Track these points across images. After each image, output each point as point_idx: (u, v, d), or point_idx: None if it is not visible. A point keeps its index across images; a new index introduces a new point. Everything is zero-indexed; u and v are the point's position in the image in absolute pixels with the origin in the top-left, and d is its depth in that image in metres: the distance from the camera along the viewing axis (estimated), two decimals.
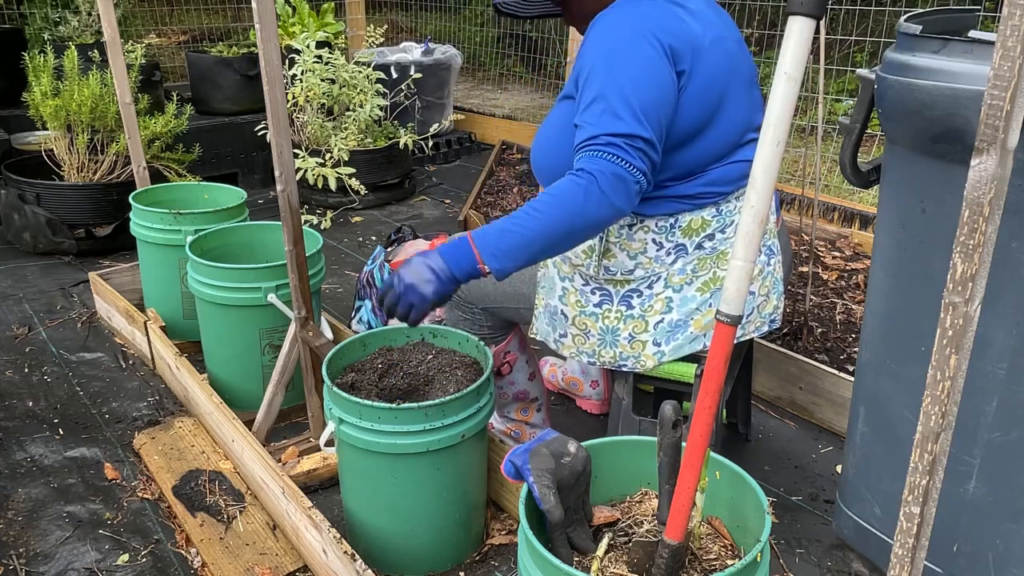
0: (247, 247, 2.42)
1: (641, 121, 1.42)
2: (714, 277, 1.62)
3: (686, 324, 1.63)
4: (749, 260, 1.07)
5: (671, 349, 1.64)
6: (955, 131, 1.28)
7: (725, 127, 1.58)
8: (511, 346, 1.96)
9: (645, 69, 1.45)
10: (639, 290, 1.64)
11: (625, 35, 1.48)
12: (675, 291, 1.63)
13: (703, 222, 1.61)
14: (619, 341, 1.66)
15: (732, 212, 1.62)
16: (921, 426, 0.90)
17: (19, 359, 2.59)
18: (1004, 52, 0.75)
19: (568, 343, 1.73)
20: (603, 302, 1.67)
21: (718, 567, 1.24)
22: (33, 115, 3.38)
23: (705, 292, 1.62)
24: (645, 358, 1.65)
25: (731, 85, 1.57)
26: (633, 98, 1.43)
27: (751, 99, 1.65)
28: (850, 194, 3.88)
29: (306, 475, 1.97)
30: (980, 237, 0.80)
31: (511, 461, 1.29)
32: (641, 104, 1.43)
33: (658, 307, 1.63)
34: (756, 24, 5.24)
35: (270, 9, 1.63)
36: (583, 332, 1.69)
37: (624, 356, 1.67)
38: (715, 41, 1.54)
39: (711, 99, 1.53)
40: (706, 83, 1.51)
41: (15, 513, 1.90)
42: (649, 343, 1.64)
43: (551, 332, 1.76)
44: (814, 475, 2.08)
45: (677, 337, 1.63)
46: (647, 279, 1.64)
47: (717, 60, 1.53)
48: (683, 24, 1.51)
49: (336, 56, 4.01)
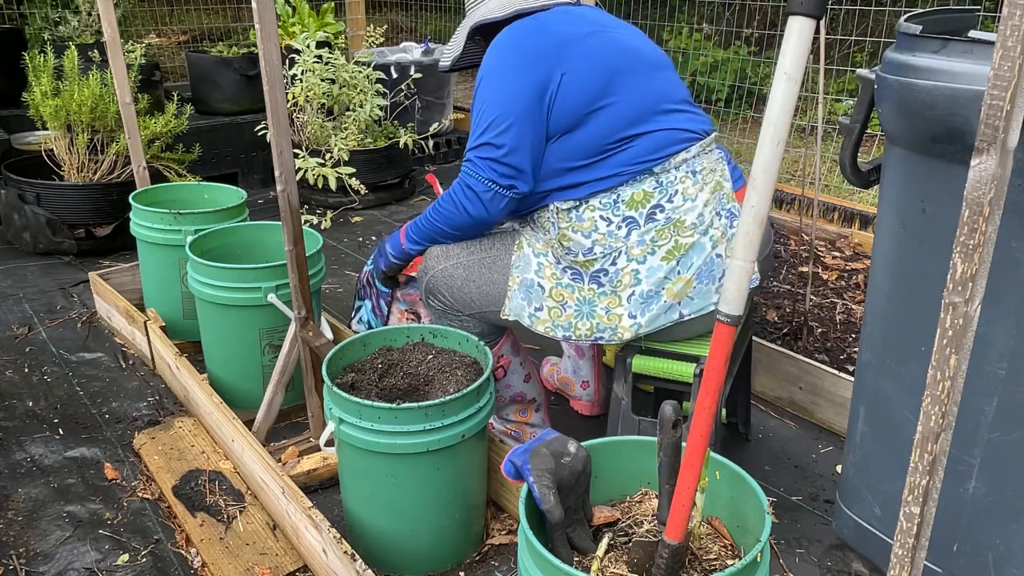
0: (247, 247, 2.42)
1: (486, 132, 1.69)
2: (676, 245, 1.67)
3: (658, 294, 1.67)
4: (749, 260, 1.07)
5: (647, 320, 1.68)
6: (955, 131, 1.28)
7: (620, 108, 1.69)
8: (504, 350, 1.97)
9: (497, 86, 1.70)
10: (604, 268, 1.70)
11: (490, 60, 1.74)
12: (639, 262, 1.67)
13: (645, 194, 1.69)
14: (596, 312, 1.70)
15: (674, 182, 1.70)
16: (921, 426, 0.90)
17: (19, 359, 2.59)
18: (1004, 52, 0.75)
19: (543, 316, 1.75)
20: (575, 279, 1.73)
21: (718, 567, 1.24)
22: (33, 115, 3.38)
23: (670, 260, 1.67)
24: (622, 330, 1.69)
25: (620, 70, 1.71)
26: (483, 114, 1.70)
27: (661, 80, 1.78)
28: (850, 194, 3.88)
29: (306, 475, 1.97)
30: (980, 237, 0.80)
31: (511, 461, 1.29)
32: (488, 117, 1.69)
33: (626, 280, 1.68)
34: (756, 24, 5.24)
35: (270, 9, 1.63)
36: (560, 304, 1.73)
37: (601, 327, 1.70)
38: (591, 34, 1.72)
39: (593, 83, 1.68)
40: (582, 71, 1.68)
41: (15, 513, 1.90)
42: (625, 316, 1.68)
43: (526, 307, 1.77)
44: (814, 475, 2.08)
45: (652, 307, 1.67)
46: (608, 255, 1.69)
47: (595, 50, 1.71)
48: (544, 32, 1.71)
49: (336, 56, 4.01)
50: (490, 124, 1.70)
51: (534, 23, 1.74)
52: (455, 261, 1.87)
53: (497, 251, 1.85)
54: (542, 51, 1.68)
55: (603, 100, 1.68)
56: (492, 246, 1.86)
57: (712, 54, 5.84)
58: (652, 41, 1.91)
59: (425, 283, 1.92)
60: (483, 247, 1.88)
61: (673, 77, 1.84)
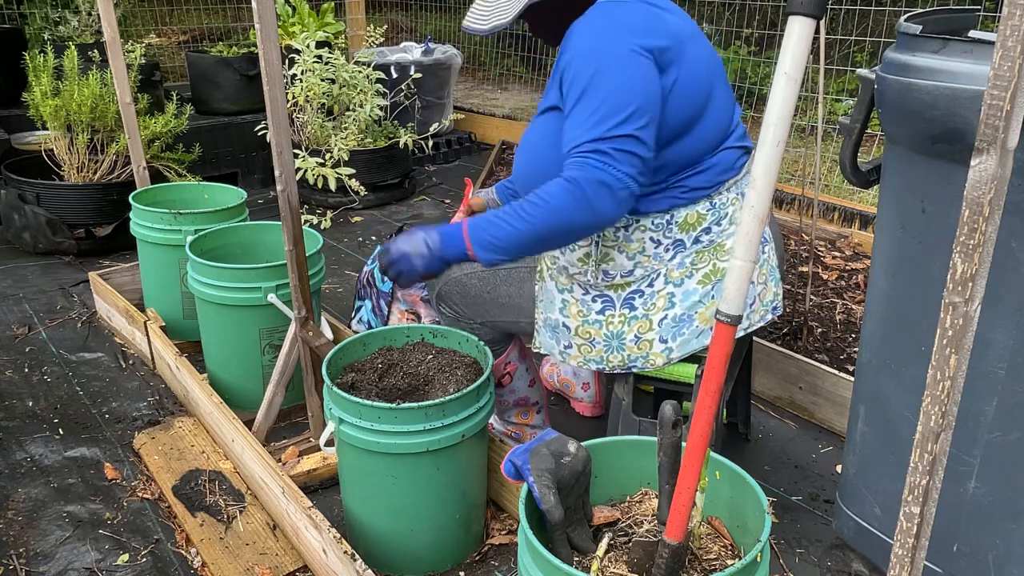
0: (247, 247, 2.42)
1: (627, 123, 1.43)
2: (714, 269, 1.61)
3: (691, 318, 1.62)
4: (749, 260, 1.07)
5: (678, 345, 1.62)
6: (955, 131, 1.28)
7: (715, 115, 1.59)
8: (511, 357, 1.96)
9: (628, 70, 1.44)
10: (640, 290, 1.63)
11: (607, 37, 1.47)
12: (676, 286, 1.61)
13: (699, 216, 1.61)
14: (625, 344, 1.65)
15: (725, 204, 1.62)
16: (921, 426, 0.90)
17: (19, 359, 2.59)
18: (1004, 52, 0.75)
19: (574, 353, 1.71)
20: (605, 308, 1.65)
21: (718, 567, 1.24)
22: (33, 115, 3.38)
23: (706, 284, 1.61)
24: (654, 356, 1.64)
25: (716, 75, 1.59)
26: (618, 100, 1.43)
27: (729, 91, 1.67)
28: (850, 194, 3.88)
29: (306, 475, 1.97)
30: (980, 237, 0.80)
31: (511, 461, 1.29)
32: (627, 106, 1.43)
33: (660, 304, 1.62)
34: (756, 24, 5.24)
35: (270, 9, 1.63)
36: (588, 341, 1.67)
37: (632, 358, 1.66)
38: (695, 35, 1.57)
39: (701, 89, 1.53)
40: (693, 73, 1.51)
41: (15, 513, 1.90)
42: (656, 341, 1.63)
43: (555, 345, 1.73)
44: (814, 475, 2.08)
45: (683, 332, 1.62)
46: (647, 278, 1.63)
47: (700, 51, 1.55)
48: (662, 19, 1.51)
49: (336, 56, 4.01)
50: (631, 114, 1.43)
51: (651, 15, 1.50)
52: (469, 271, 1.83)
53: (515, 264, 1.80)
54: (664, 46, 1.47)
55: (700, 115, 1.53)
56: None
57: None
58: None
59: (438, 290, 1.89)
60: None
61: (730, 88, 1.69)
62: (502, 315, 1.84)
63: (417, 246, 1.56)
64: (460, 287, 1.84)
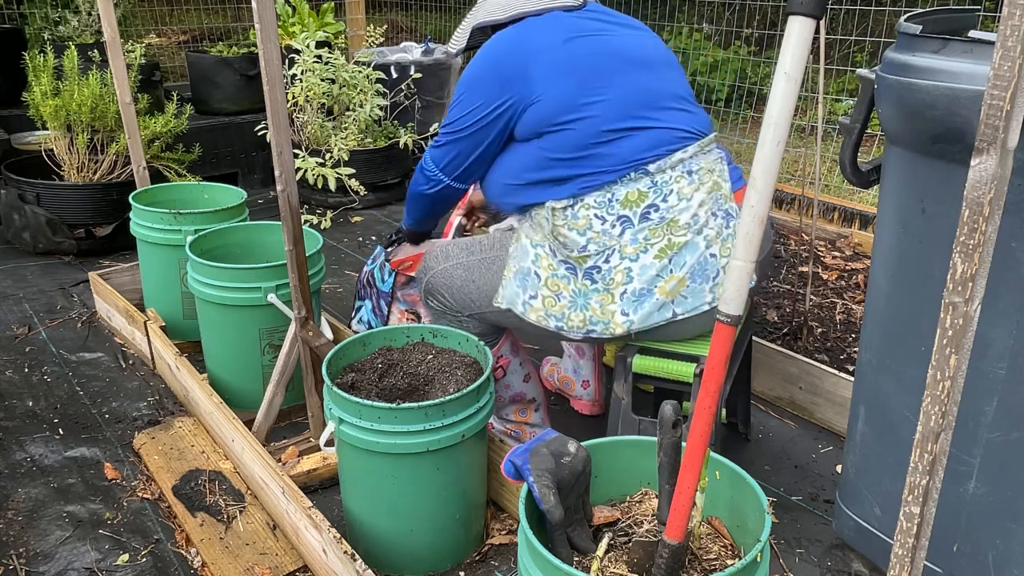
0: (247, 247, 2.42)
1: (444, 131, 1.85)
2: (670, 243, 1.68)
3: (651, 292, 1.67)
4: (749, 260, 1.07)
5: (640, 318, 1.68)
6: (955, 131, 1.28)
7: (603, 107, 1.70)
8: (503, 350, 1.97)
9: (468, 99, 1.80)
10: (598, 266, 1.70)
11: (469, 71, 1.83)
12: (632, 260, 1.68)
13: (639, 193, 1.70)
14: (589, 304, 1.71)
15: (669, 182, 1.71)
16: (921, 426, 0.90)
17: (19, 359, 2.58)
18: (1004, 52, 0.75)
19: (537, 305, 1.75)
20: (569, 273, 1.73)
21: (718, 567, 1.24)
22: (33, 115, 3.38)
23: (663, 258, 1.67)
24: (614, 325, 1.69)
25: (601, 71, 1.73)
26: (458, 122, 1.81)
27: (655, 77, 1.78)
28: (850, 194, 3.88)
29: (306, 475, 1.97)
30: (980, 237, 0.80)
31: (511, 461, 1.29)
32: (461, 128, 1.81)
33: (619, 279, 1.69)
34: (756, 24, 5.24)
35: (270, 9, 1.63)
36: (555, 294, 1.73)
37: (594, 320, 1.71)
38: (569, 41, 1.74)
39: (567, 91, 1.71)
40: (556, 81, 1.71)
41: (15, 513, 1.90)
42: (617, 312, 1.69)
43: (520, 294, 1.77)
44: (814, 475, 2.08)
45: (644, 305, 1.68)
46: (602, 253, 1.70)
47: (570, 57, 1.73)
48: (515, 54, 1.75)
49: (336, 56, 4.01)
50: (449, 124, 1.84)
51: (512, 41, 1.78)
52: (455, 262, 1.88)
53: (497, 252, 1.86)
54: (511, 72, 1.74)
55: (582, 102, 1.70)
56: (492, 247, 1.87)
57: (712, 54, 5.84)
58: (658, 39, 1.91)
59: (425, 283, 1.93)
60: (483, 248, 1.88)
61: (672, 75, 1.84)
62: (486, 305, 1.86)
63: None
64: (446, 278, 1.88)
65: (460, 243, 1.93)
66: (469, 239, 1.96)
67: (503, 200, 1.87)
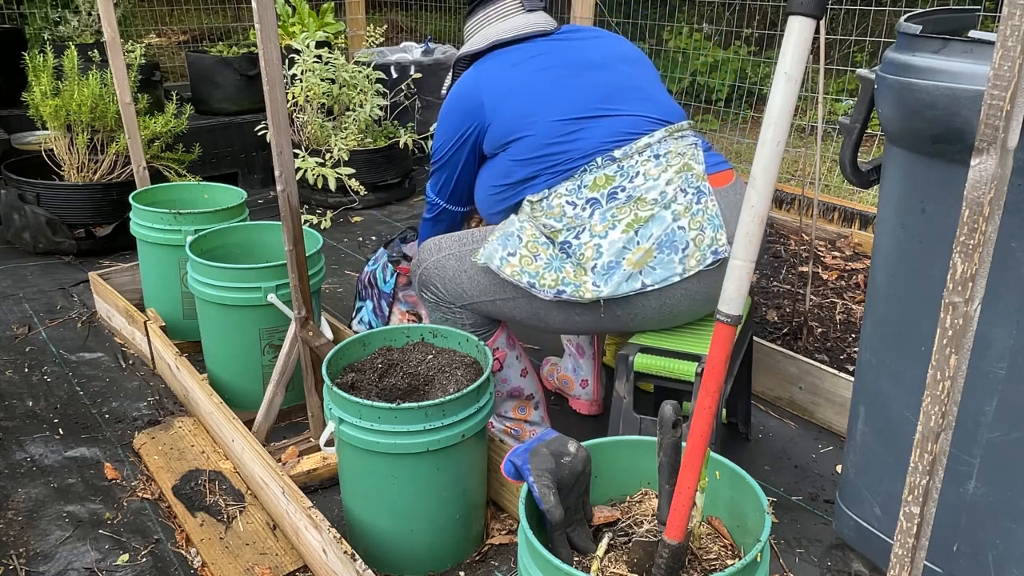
0: (247, 247, 2.42)
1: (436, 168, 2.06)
2: (636, 218, 1.74)
3: (618, 264, 1.72)
4: (749, 260, 1.07)
5: (609, 288, 1.73)
6: (955, 131, 1.28)
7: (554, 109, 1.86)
8: (498, 342, 1.97)
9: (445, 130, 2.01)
10: (568, 241, 1.78)
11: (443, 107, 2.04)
12: (601, 237, 1.75)
13: (606, 178, 1.79)
14: (564, 267, 1.76)
15: (635, 165, 1.80)
16: (921, 426, 0.90)
17: (19, 359, 2.59)
18: (1004, 52, 0.75)
19: (514, 261, 1.78)
20: (549, 243, 1.81)
21: (718, 567, 1.24)
22: (33, 115, 3.38)
23: (629, 232, 1.73)
24: (584, 289, 1.74)
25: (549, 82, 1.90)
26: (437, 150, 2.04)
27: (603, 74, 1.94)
28: (850, 194, 3.88)
29: (306, 475, 1.97)
30: (980, 237, 0.80)
31: (511, 461, 1.29)
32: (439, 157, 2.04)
33: (589, 254, 1.75)
34: (756, 24, 5.25)
35: (270, 9, 1.63)
36: (532, 255, 1.79)
37: (565, 281, 1.75)
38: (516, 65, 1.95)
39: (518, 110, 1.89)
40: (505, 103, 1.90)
41: (15, 513, 1.90)
42: (589, 282, 1.74)
43: (499, 250, 1.80)
44: (814, 475, 2.08)
45: (613, 276, 1.73)
46: (573, 229, 1.78)
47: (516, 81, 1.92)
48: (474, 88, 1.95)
49: (336, 56, 4.01)
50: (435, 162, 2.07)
51: (470, 78, 1.99)
52: (447, 252, 1.91)
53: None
54: (468, 105, 1.95)
55: (530, 112, 1.87)
56: (484, 238, 1.88)
57: (712, 54, 5.84)
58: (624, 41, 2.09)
59: (419, 276, 1.95)
60: (475, 239, 1.91)
61: (631, 70, 1.98)
62: (479, 295, 1.88)
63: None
64: (439, 269, 1.91)
65: (453, 235, 1.98)
66: (461, 231, 2.02)
67: (492, 211, 2.00)
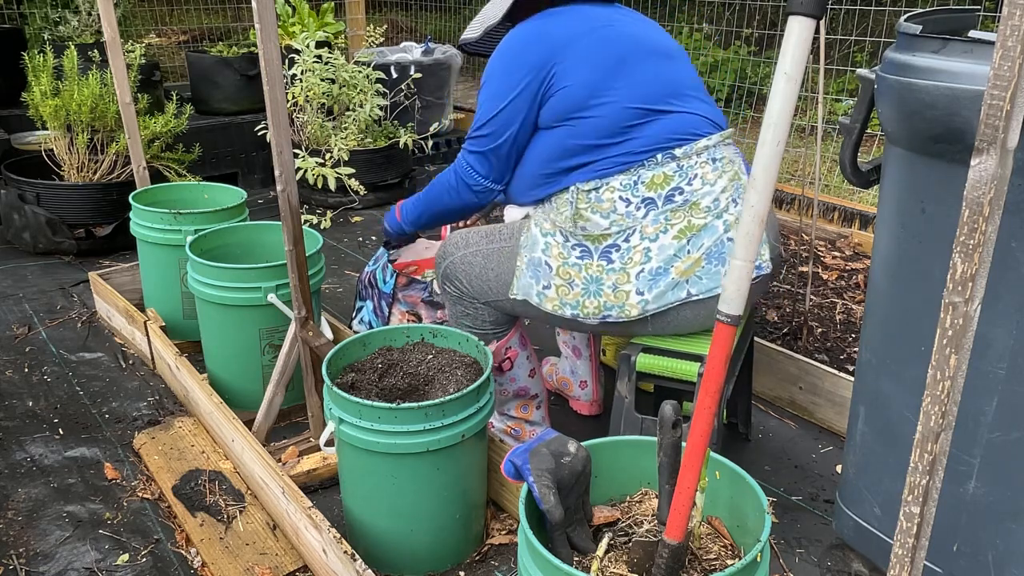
0: (247, 247, 2.42)
1: (483, 129, 1.83)
2: (689, 225, 1.70)
3: (667, 271, 1.69)
4: (749, 260, 1.07)
5: (654, 296, 1.70)
6: (955, 131, 1.28)
7: (630, 91, 1.74)
8: (512, 342, 1.97)
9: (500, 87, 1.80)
10: (616, 244, 1.72)
11: (493, 64, 1.84)
12: (651, 240, 1.70)
13: (665, 177, 1.72)
14: (603, 290, 1.72)
15: (694, 167, 1.73)
16: (921, 426, 0.90)
17: (19, 359, 2.58)
18: (1004, 52, 0.75)
19: (551, 295, 1.77)
20: (584, 256, 1.74)
21: (718, 567, 1.24)
22: (33, 115, 3.38)
23: (681, 239, 1.69)
24: (629, 307, 1.71)
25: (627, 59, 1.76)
26: (483, 112, 1.82)
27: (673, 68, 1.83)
28: (850, 194, 3.88)
29: (306, 475, 1.97)
30: (980, 237, 0.80)
31: (511, 461, 1.29)
32: (488, 117, 1.81)
33: (637, 258, 1.70)
34: (756, 24, 5.24)
35: (270, 9, 1.63)
36: (567, 282, 1.75)
37: (608, 305, 1.73)
38: (593, 30, 1.78)
39: (594, 78, 1.74)
40: (582, 68, 1.74)
41: (15, 513, 1.90)
42: (632, 292, 1.71)
43: (534, 285, 1.79)
44: (814, 475, 2.08)
45: (659, 284, 1.69)
46: (623, 233, 1.72)
47: (597, 45, 1.77)
48: (541, 42, 1.78)
49: (336, 56, 4.01)
50: (487, 123, 1.83)
51: (536, 31, 1.81)
52: (474, 249, 1.89)
53: (516, 241, 1.87)
54: (537, 60, 1.77)
55: (606, 88, 1.74)
56: (512, 236, 1.87)
57: (712, 54, 5.84)
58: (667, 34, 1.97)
59: (443, 269, 1.93)
60: (502, 236, 1.89)
61: (689, 68, 1.89)
62: (503, 293, 1.87)
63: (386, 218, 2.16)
64: (465, 265, 1.89)
65: (480, 230, 1.94)
66: (489, 226, 1.96)
67: (531, 193, 1.86)
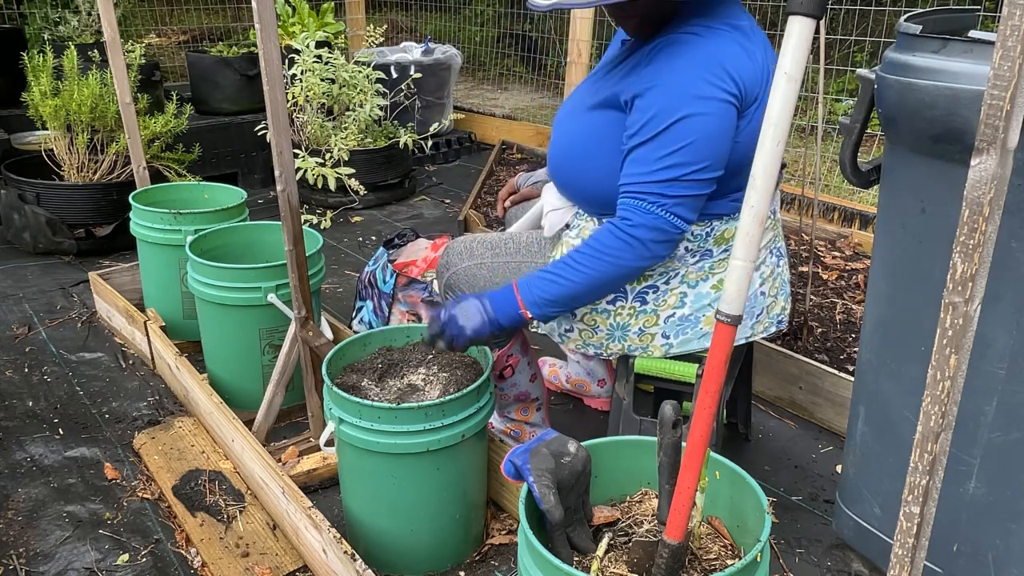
0: (247, 247, 2.42)
1: (696, 174, 1.45)
2: None
3: (696, 320, 1.67)
4: (749, 260, 1.07)
5: (679, 343, 1.69)
6: (955, 131, 1.28)
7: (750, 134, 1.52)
8: (514, 349, 1.96)
9: (710, 123, 1.44)
10: (655, 285, 1.66)
11: (699, 80, 1.44)
12: (690, 287, 1.67)
13: (732, 232, 1.64)
14: (628, 336, 1.71)
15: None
16: (921, 426, 0.90)
17: (19, 359, 2.58)
18: (1004, 52, 0.75)
19: (574, 337, 1.76)
20: (617, 299, 1.68)
21: (718, 567, 1.24)
22: (33, 115, 3.38)
23: (719, 289, 1.66)
24: (653, 349, 1.70)
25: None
26: (694, 153, 1.44)
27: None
28: (850, 194, 3.88)
29: (306, 475, 1.97)
30: (980, 237, 0.80)
31: (511, 461, 1.29)
32: (701, 159, 1.44)
33: (671, 301, 1.67)
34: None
35: (270, 9, 1.63)
36: (591, 328, 1.72)
37: (632, 348, 1.72)
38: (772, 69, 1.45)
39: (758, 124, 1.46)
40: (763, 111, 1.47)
41: (15, 513, 1.90)
42: (658, 335, 1.69)
43: (556, 327, 1.78)
44: (814, 475, 2.08)
45: (687, 331, 1.68)
46: (664, 275, 1.66)
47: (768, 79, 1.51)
48: (752, 58, 1.49)
49: (336, 56, 4.01)
50: (703, 167, 1.46)
51: (739, 46, 1.47)
52: (479, 261, 1.86)
53: (523, 256, 1.84)
54: (749, 89, 1.46)
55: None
56: (518, 251, 1.86)
57: None
58: None
59: (446, 279, 1.90)
60: (508, 251, 1.86)
61: None
62: None
63: (467, 310, 1.58)
64: (468, 276, 1.86)
65: (485, 241, 1.88)
66: (494, 237, 1.90)
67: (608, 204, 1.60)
